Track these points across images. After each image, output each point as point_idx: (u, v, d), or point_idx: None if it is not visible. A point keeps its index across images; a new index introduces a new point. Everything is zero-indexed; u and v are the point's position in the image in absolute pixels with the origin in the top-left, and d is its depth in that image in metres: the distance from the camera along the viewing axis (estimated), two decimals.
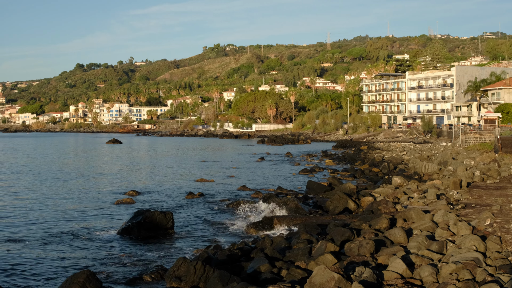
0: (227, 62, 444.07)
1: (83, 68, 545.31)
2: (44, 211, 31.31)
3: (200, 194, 37.36)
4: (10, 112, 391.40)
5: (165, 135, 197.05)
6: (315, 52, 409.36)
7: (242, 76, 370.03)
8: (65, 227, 26.32)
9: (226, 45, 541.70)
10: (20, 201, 35.48)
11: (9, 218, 28.92)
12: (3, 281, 17.56)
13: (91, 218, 28.80)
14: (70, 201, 35.30)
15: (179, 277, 16.09)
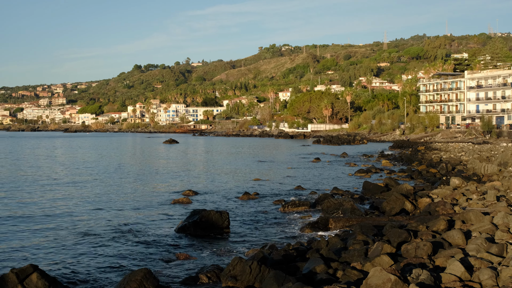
0: (283, 62, 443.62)
1: (141, 69, 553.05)
2: (103, 210, 31.89)
3: (256, 193, 37.43)
4: (70, 112, 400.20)
5: (221, 135, 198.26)
6: (371, 52, 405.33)
7: (298, 76, 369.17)
8: (123, 225, 26.74)
9: (281, 45, 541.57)
10: (79, 199, 36.19)
11: (70, 216, 29.55)
12: (63, 274, 17.93)
13: (149, 217, 29.16)
14: (128, 200, 35.84)
15: (235, 277, 16.16)
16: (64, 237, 24.21)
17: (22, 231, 25.42)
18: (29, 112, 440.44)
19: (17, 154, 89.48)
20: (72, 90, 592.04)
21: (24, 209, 31.92)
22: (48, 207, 33.00)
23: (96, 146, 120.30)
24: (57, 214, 30.27)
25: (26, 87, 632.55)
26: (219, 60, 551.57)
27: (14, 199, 36.03)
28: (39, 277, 14.67)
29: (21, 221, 27.94)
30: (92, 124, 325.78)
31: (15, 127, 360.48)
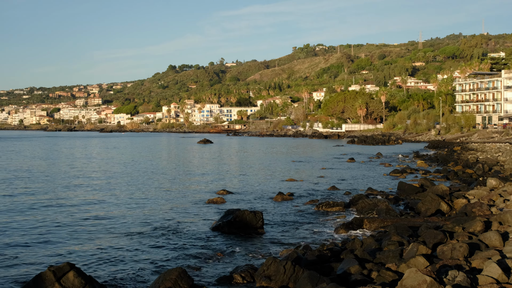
0: (317, 62, 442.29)
1: (175, 69, 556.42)
2: (138, 209, 32.17)
3: (290, 194, 37.38)
4: (106, 112, 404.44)
5: (254, 135, 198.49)
6: (406, 51, 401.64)
7: (332, 76, 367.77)
8: (158, 225, 26.94)
9: (315, 45, 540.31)
10: (114, 198, 36.55)
11: (105, 215, 29.87)
12: (99, 273, 18.14)
13: (184, 217, 29.33)
14: (163, 200, 36.09)
15: (269, 277, 16.18)
16: (99, 235, 24.49)
17: (59, 230, 25.77)
18: (65, 112, 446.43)
19: (54, 154, 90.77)
20: (107, 90, 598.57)
21: (61, 208, 32.36)
22: (83, 206, 33.41)
23: (131, 146, 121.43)
24: (92, 213, 30.64)
25: (63, 88, 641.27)
26: (253, 60, 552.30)
27: (51, 198, 36.54)
28: (75, 275, 14.86)
29: (57, 220, 28.33)
30: (127, 124, 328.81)
31: (52, 127, 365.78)
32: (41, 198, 36.65)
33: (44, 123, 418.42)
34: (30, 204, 33.84)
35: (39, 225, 27.04)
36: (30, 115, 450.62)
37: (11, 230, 25.68)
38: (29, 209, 32.15)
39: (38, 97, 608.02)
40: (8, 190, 40.90)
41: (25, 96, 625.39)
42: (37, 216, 29.49)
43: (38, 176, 52.12)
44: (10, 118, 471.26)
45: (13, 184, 45.35)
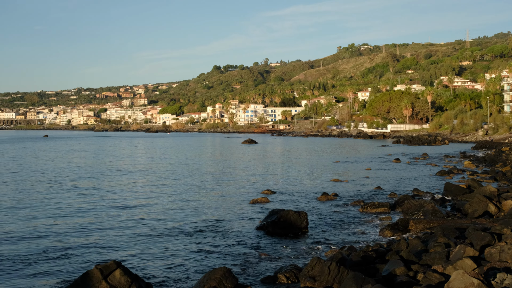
0: (362, 62, 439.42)
1: (220, 69, 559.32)
2: (182, 208, 32.43)
3: (334, 194, 37.22)
4: (151, 113, 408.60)
5: (299, 135, 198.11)
6: (453, 50, 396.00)
7: (377, 76, 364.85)
8: (202, 224, 27.10)
9: (360, 45, 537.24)
10: (159, 197, 36.92)
11: (150, 213, 30.19)
12: (145, 271, 18.34)
13: (228, 216, 29.46)
14: (207, 199, 36.32)
15: (313, 277, 16.13)
16: (144, 234, 24.76)
17: (105, 228, 26.15)
18: (112, 112, 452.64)
19: (102, 153, 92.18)
20: (153, 91, 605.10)
21: (107, 206, 32.82)
22: (129, 204, 33.84)
23: (176, 146, 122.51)
24: (138, 212, 31.00)
25: (110, 88, 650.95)
26: (297, 60, 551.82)
27: (98, 197, 37.10)
28: (122, 274, 15.06)
29: (103, 218, 28.75)
30: (172, 124, 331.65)
31: (99, 127, 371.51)
32: (88, 197, 37.26)
33: (91, 123, 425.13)
34: (77, 202, 34.44)
35: (86, 223, 27.49)
36: (77, 115, 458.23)
37: (58, 228, 26.15)
38: (76, 207, 32.70)
39: (85, 98, 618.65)
40: (57, 188, 41.68)
41: (73, 96, 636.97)
42: (84, 214, 29.98)
43: (86, 175, 52.99)
44: (59, 118, 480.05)
45: (62, 182, 46.19)
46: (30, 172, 56.50)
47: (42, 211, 31.36)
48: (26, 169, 60.34)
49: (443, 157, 75.74)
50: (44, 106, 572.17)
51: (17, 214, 30.29)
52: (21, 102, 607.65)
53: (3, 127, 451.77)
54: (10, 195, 38.38)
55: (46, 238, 23.82)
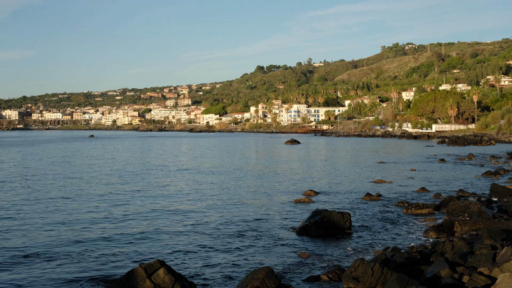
0: (406, 61, 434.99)
1: (263, 70, 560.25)
2: (224, 207, 32.55)
3: (378, 195, 36.95)
4: (195, 113, 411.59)
5: (342, 135, 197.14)
6: (500, 49, 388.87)
7: (422, 76, 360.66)
8: (245, 224, 27.17)
9: (405, 44, 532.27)
10: (201, 196, 37.12)
11: (192, 212, 30.39)
12: (187, 270, 18.47)
13: (271, 216, 29.48)
14: (250, 199, 36.38)
15: (356, 278, 16.04)
16: (187, 233, 24.93)
17: (148, 226, 26.42)
18: (156, 113, 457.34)
19: (146, 153, 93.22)
20: (197, 91, 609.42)
21: (150, 205, 33.15)
22: (171, 203, 34.12)
23: (220, 146, 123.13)
24: (181, 211, 31.23)
25: (154, 89, 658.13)
26: (340, 60, 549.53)
27: (142, 195, 37.51)
28: (165, 273, 15.21)
29: (147, 217, 29.05)
30: (216, 124, 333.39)
31: (143, 127, 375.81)
32: (133, 196, 37.70)
33: (135, 123, 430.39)
34: (122, 201, 34.87)
35: (129, 221, 27.83)
36: (122, 116, 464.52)
37: (103, 225, 26.52)
38: (122, 205, 33.11)
39: (130, 98, 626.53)
40: (103, 186, 42.31)
41: (118, 97, 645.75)
42: (127, 213, 30.33)
43: (131, 173, 53.65)
44: (104, 119, 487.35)
45: (108, 181, 46.85)
46: (78, 172, 57.46)
47: (89, 208, 31.84)
48: (76, 169, 61.40)
49: (489, 157, 74.51)
50: (90, 106, 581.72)
51: (66, 212, 30.82)
52: (68, 103, 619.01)
53: (50, 127, 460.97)
54: (60, 192, 39.09)
55: (92, 236, 24.18)
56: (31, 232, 25.19)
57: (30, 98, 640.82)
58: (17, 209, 32.17)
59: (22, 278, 18.03)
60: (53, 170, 59.29)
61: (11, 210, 31.78)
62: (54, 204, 34.10)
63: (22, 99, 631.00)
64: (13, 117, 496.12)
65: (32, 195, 38.36)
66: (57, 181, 48.05)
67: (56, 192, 40.14)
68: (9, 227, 26.43)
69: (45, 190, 41.32)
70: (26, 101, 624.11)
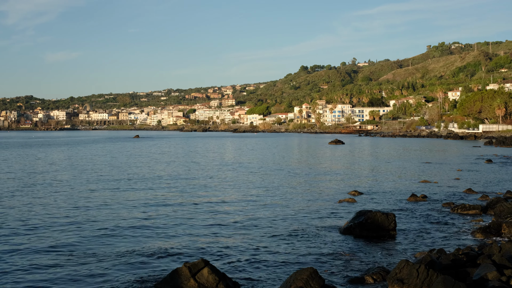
0: (452, 60, 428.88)
1: (307, 70, 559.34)
2: (268, 207, 32.55)
3: (423, 196, 36.52)
4: (239, 113, 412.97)
5: (387, 135, 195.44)
6: None
7: (468, 75, 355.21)
8: (288, 224, 27.15)
9: (451, 43, 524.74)
10: (245, 196, 37.20)
11: (234, 212, 30.51)
12: (231, 270, 18.54)
13: (314, 216, 29.39)
14: (293, 199, 36.32)
15: (401, 280, 15.88)
16: (230, 233, 25.02)
17: (192, 226, 26.59)
18: (200, 113, 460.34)
19: (191, 154, 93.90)
20: (241, 91, 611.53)
21: (194, 205, 33.35)
22: (216, 202, 34.29)
23: (263, 146, 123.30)
24: (225, 210, 31.36)
25: (198, 89, 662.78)
26: (385, 60, 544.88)
27: (187, 196, 37.78)
28: (209, 272, 15.29)
29: (191, 216, 29.24)
30: (259, 125, 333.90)
31: (188, 127, 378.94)
32: (178, 193, 38.02)
33: (180, 123, 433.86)
34: (167, 199, 35.18)
35: (173, 221, 28.04)
36: (167, 116, 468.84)
37: (147, 224, 26.81)
38: (167, 203, 33.42)
39: (175, 99, 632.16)
40: (150, 184, 42.76)
41: (163, 97, 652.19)
42: (172, 213, 30.58)
43: (176, 173, 54.06)
44: (149, 119, 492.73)
45: (154, 179, 47.32)
46: (125, 170, 58.21)
47: (134, 207, 32.20)
48: (123, 167, 62.24)
49: None
50: (135, 107, 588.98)
51: (110, 209, 31.24)
52: (114, 103, 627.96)
53: (97, 127, 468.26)
54: (108, 190, 39.66)
55: (137, 234, 24.46)
56: (77, 229, 25.60)
57: (77, 99, 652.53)
58: (63, 207, 32.76)
59: (66, 274, 18.35)
60: (109, 169, 60.19)
61: (58, 209, 32.36)
62: (102, 202, 34.59)
63: (70, 100, 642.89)
64: (61, 117, 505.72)
65: (78, 194, 39.00)
66: (114, 180, 48.79)
67: (107, 191, 40.74)
68: (57, 224, 26.91)
69: (93, 188, 41.96)
70: (73, 101, 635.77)
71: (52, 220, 28.39)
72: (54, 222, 27.66)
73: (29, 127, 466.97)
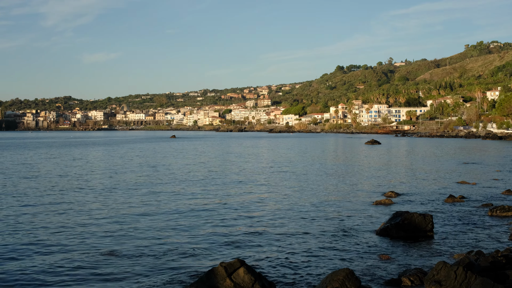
0: (491, 60, 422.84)
1: (343, 70, 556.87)
2: (305, 207, 32.48)
3: (461, 197, 36.08)
4: (275, 113, 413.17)
5: (424, 136, 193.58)
6: None
7: (507, 74, 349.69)
8: (324, 224, 27.06)
9: (489, 42, 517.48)
10: (281, 196, 37.17)
11: (270, 212, 30.49)
12: (266, 270, 18.55)
13: (350, 218, 29.24)
14: (330, 199, 36.18)
15: (439, 282, 15.72)
16: (265, 232, 25.02)
17: (228, 225, 26.68)
18: (236, 113, 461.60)
19: (227, 153, 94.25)
20: (276, 91, 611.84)
21: (229, 204, 33.46)
22: (251, 202, 34.33)
23: (299, 146, 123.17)
24: (260, 210, 31.38)
25: (234, 90, 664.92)
26: (422, 59, 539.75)
27: (221, 194, 37.90)
28: (245, 272, 15.31)
29: (225, 215, 29.34)
30: (295, 125, 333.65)
31: (223, 127, 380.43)
32: (212, 193, 38.17)
33: (216, 124, 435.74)
34: (202, 199, 35.36)
35: (207, 220, 28.17)
36: (203, 116, 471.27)
37: (183, 223, 26.98)
38: (201, 203, 33.58)
39: (211, 99, 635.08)
40: (185, 184, 43.03)
41: (199, 98, 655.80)
42: (206, 212, 30.72)
43: (212, 173, 54.29)
44: (185, 119, 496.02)
45: (190, 179, 47.61)
46: (159, 171, 58.70)
47: (170, 207, 32.44)
48: (159, 167, 62.79)
49: None
50: (171, 107, 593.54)
51: (148, 209, 31.53)
52: (151, 104, 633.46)
53: (134, 127, 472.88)
54: (144, 190, 40.04)
55: (172, 233, 24.63)
56: (117, 229, 25.90)
57: (115, 99, 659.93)
58: (101, 207, 33.17)
59: (107, 273, 18.57)
60: (149, 170, 60.79)
61: (98, 210, 32.78)
62: (140, 202, 34.94)
63: (107, 100, 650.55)
64: (99, 118, 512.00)
65: (114, 196, 39.44)
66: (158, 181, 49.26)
67: (147, 190, 41.15)
68: (98, 224, 27.26)
69: (134, 189, 42.41)
70: (111, 102, 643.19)
71: (90, 220, 28.80)
72: (91, 223, 28.05)
73: (67, 127, 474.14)
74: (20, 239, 23.73)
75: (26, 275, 18.47)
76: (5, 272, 18.73)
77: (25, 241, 23.45)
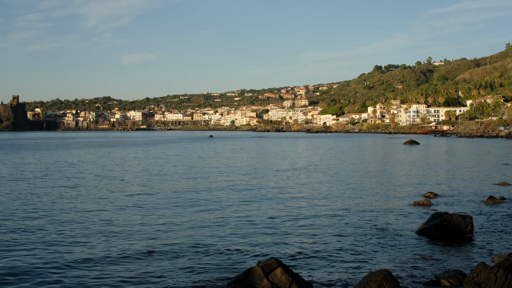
0: None
1: (381, 69, 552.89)
2: (342, 208, 32.34)
3: (502, 198, 35.53)
4: (312, 113, 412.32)
5: (463, 136, 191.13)
6: None
7: None
8: (362, 225, 26.90)
9: None
10: (320, 196, 37.08)
11: (309, 213, 30.45)
12: (302, 270, 18.52)
13: (389, 218, 29.02)
14: (368, 200, 35.97)
15: (479, 284, 15.52)
16: (302, 233, 24.97)
17: (263, 225, 26.69)
18: (273, 113, 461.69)
19: (264, 153, 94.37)
20: (313, 91, 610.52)
21: (265, 204, 33.48)
22: (288, 202, 34.30)
23: (337, 146, 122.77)
24: (296, 210, 31.34)
25: (271, 90, 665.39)
26: (462, 59, 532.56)
27: (257, 193, 37.95)
28: (282, 272, 15.32)
29: (261, 215, 29.36)
30: (332, 125, 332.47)
31: (261, 127, 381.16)
32: (248, 193, 38.23)
33: (253, 124, 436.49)
34: (236, 199, 35.46)
35: (244, 219, 28.24)
36: (240, 116, 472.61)
37: (219, 224, 27.08)
38: (238, 203, 33.69)
39: (248, 99, 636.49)
40: (222, 183, 43.23)
41: (236, 98, 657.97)
42: (243, 211, 30.79)
43: (247, 172, 54.41)
44: (223, 119, 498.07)
45: (226, 179, 47.82)
46: (200, 170, 59.06)
47: (207, 207, 32.62)
48: (201, 166, 63.21)
49: None
50: (209, 107, 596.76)
51: (185, 208, 31.76)
52: (188, 104, 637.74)
53: (172, 127, 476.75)
54: (181, 189, 40.33)
55: (209, 233, 24.76)
56: (155, 229, 26.14)
57: (153, 100, 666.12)
58: (139, 206, 33.53)
59: (143, 273, 18.74)
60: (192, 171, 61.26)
61: (136, 209, 33.14)
62: (176, 202, 35.20)
63: (145, 101, 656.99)
64: (137, 118, 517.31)
65: (150, 197, 39.82)
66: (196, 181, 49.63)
67: (183, 191, 41.45)
68: (134, 224, 27.54)
69: (171, 189, 42.76)
70: (149, 102, 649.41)
71: (131, 218, 29.14)
72: (132, 221, 28.37)
73: (106, 127, 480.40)
74: (64, 238, 24.15)
75: (70, 272, 18.76)
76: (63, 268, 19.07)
77: (69, 240, 23.86)
